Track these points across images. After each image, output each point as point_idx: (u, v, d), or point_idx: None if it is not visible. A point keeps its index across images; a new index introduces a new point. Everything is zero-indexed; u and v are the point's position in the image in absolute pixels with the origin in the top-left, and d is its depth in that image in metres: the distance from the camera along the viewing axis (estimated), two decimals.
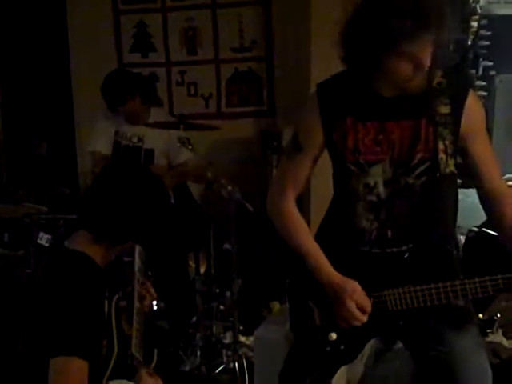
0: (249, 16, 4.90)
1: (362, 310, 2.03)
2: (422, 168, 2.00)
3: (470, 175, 2.08)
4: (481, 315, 2.73)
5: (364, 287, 2.05)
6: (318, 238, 2.18)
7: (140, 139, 3.95)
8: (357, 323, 2.04)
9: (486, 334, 2.72)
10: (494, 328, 2.76)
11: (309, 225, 2.21)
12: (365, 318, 2.03)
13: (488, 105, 4.07)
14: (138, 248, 2.16)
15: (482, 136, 2.06)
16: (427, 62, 1.85)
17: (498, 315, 2.83)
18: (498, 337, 2.79)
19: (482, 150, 2.05)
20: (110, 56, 5.12)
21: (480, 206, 2.15)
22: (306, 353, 2.22)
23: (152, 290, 2.21)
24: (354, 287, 2.04)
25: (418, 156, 2.00)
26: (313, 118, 2.09)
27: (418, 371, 2.17)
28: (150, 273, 3.10)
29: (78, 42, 5.17)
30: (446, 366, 2.05)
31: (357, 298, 2.02)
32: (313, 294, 2.16)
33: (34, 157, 5.38)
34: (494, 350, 2.74)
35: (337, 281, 2.06)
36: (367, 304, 2.03)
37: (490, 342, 2.74)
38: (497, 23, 4.30)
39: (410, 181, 2.01)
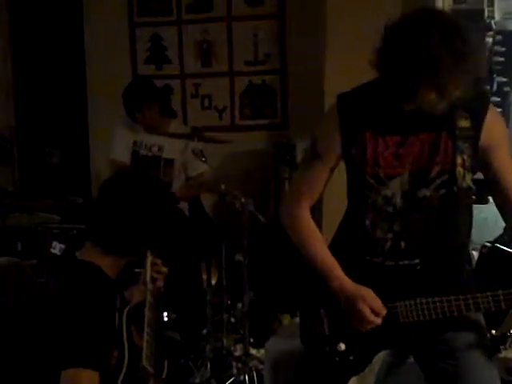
0: (263, 29, 4.93)
1: (376, 314, 2.02)
2: (439, 181, 2.00)
3: (491, 189, 2.08)
4: (494, 331, 2.70)
5: None
6: (332, 248, 2.17)
7: (160, 149, 3.99)
8: (371, 326, 2.03)
9: (498, 350, 2.69)
10: (507, 344, 2.74)
11: (322, 228, 2.21)
12: (379, 320, 2.02)
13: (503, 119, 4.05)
14: (149, 258, 2.16)
15: (504, 150, 2.05)
16: (453, 95, 1.85)
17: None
18: (510, 353, 2.77)
19: (505, 165, 2.04)
20: (124, 67, 5.16)
21: (493, 222, 2.14)
22: (315, 363, 2.21)
23: (164, 269, 2.20)
24: (365, 292, 2.04)
25: (437, 168, 1.99)
26: (332, 130, 2.09)
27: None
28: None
29: (93, 53, 5.21)
30: (457, 381, 2.03)
31: (370, 303, 2.02)
32: (324, 303, 2.15)
33: (47, 166, 5.41)
34: (506, 367, 2.72)
35: (350, 288, 2.05)
36: (381, 307, 2.03)
37: (503, 359, 2.72)
38: (511, 39, 4.29)
39: (428, 193, 2.01)
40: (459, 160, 1.97)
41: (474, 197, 2.11)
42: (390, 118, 2.02)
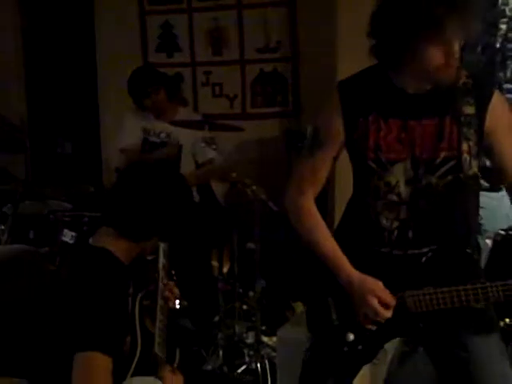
0: (274, 16, 4.89)
1: (386, 306, 2.01)
2: (445, 167, 1.98)
3: (498, 174, 2.06)
4: (508, 320, 2.69)
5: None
6: (337, 237, 2.15)
7: (168, 135, 4.00)
8: (381, 319, 2.01)
9: None
10: None
11: (333, 223, 2.20)
12: (389, 314, 2.01)
13: None
14: (162, 246, 2.16)
15: (509, 134, 2.03)
16: (458, 50, 1.85)
17: None
18: None
19: (509, 147, 2.02)
20: (135, 56, 5.15)
21: (506, 210, 2.12)
22: (323, 353, 2.20)
23: (176, 290, 2.21)
24: (374, 283, 2.02)
25: (442, 155, 1.98)
26: (334, 117, 2.07)
27: (439, 376, 2.14)
28: (173, 271, 3.11)
29: (104, 42, 5.22)
30: (468, 373, 2.02)
31: (379, 294, 2.00)
32: (331, 293, 2.14)
33: (59, 155, 5.43)
34: None
35: (356, 279, 2.04)
36: (390, 299, 2.01)
37: None
38: None
39: (433, 180, 1.99)
40: (465, 147, 1.96)
41: (486, 184, 2.09)
42: (392, 100, 2.01)
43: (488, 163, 2.12)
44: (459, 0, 1.81)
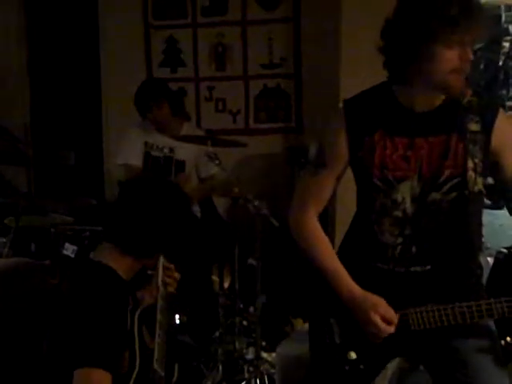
0: (278, 33, 4.92)
1: (388, 322, 2.00)
2: (450, 184, 1.98)
3: (504, 193, 2.06)
4: (509, 338, 2.68)
5: None
6: (341, 254, 2.15)
7: (172, 150, 4.00)
8: (384, 335, 2.01)
9: None
10: None
11: (334, 239, 2.20)
12: (392, 329, 2.00)
13: None
14: (161, 261, 2.16)
15: None
16: (471, 55, 1.87)
17: None
18: None
19: None
20: (139, 70, 5.17)
21: (509, 228, 2.12)
22: (324, 372, 2.18)
23: (176, 274, 2.21)
24: (376, 300, 2.02)
25: (447, 172, 1.98)
26: (339, 135, 2.08)
27: None
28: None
29: (108, 55, 5.24)
30: None
31: (381, 312, 2.00)
32: (334, 312, 2.13)
33: (61, 168, 5.44)
34: None
35: (359, 296, 2.03)
36: (392, 315, 2.00)
37: None
38: None
39: (438, 197, 1.99)
40: (470, 164, 1.96)
41: (489, 201, 2.10)
42: (398, 119, 2.01)
43: (491, 180, 2.12)
44: (472, 2, 1.85)
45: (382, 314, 2.00)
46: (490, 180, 2.12)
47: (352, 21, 4.06)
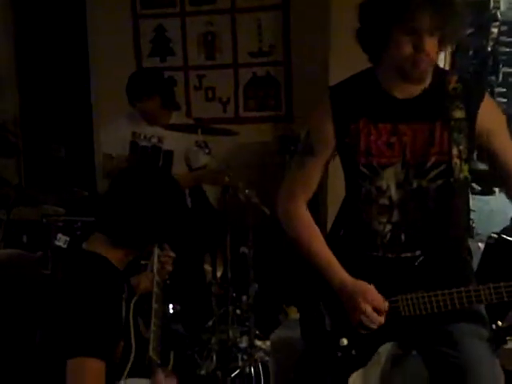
0: (267, 20, 4.90)
1: (378, 312, 2.01)
2: (436, 171, 2.00)
3: (497, 177, 2.08)
4: (500, 322, 2.70)
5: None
6: (330, 241, 2.16)
7: (160, 140, 3.97)
8: (374, 326, 2.02)
9: (505, 342, 2.69)
10: None
11: (326, 224, 2.20)
12: (382, 319, 2.02)
13: (508, 111, 4.04)
14: (156, 250, 2.17)
15: (502, 136, 2.05)
16: (428, 46, 1.89)
17: None
18: None
19: (503, 149, 2.04)
20: (128, 60, 5.14)
21: (499, 213, 2.14)
22: (317, 359, 2.20)
23: (172, 253, 2.23)
24: (367, 289, 2.03)
25: (433, 159, 2.00)
26: (325, 122, 2.09)
27: (431, 377, 2.15)
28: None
29: (97, 46, 5.21)
30: (461, 373, 2.01)
31: (371, 300, 2.01)
32: (324, 299, 2.15)
33: (52, 159, 5.42)
34: None
35: (349, 284, 2.04)
36: (381, 303, 2.02)
37: (510, 350, 2.71)
38: None
39: (424, 183, 2.01)
40: (455, 151, 1.98)
41: (479, 187, 2.11)
42: (382, 106, 2.03)
43: (481, 166, 2.14)
44: None
45: (372, 303, 2.00)
46: (480, 166, 2.13)
47: (341, 8, 4.05)
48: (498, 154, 2.03)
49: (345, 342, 2.11)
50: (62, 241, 3.53)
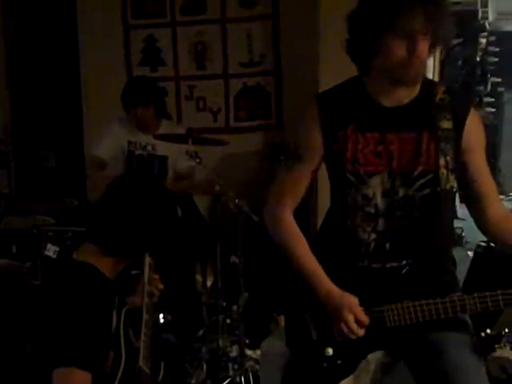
0: (258, 30, 4.93)
1: (360, 324, 2.02)
2: (422, 181, 2.01)
3: (465, 193, 2.09)
4: (488, 330, 2.72)
5: (362, 302, 2.04)
6: (314, 248, 2.15)
7: (154, 147, 4.01)
8: (353, 337, 2.03)
9: (493, 349, 2.71)
10: (502, 343, 2.75)
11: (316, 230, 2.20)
12: (361, 332, 2.02)
13: (496, 121, 4.08)
14: (147, 260, 2.17)
15: (480, 155, 2.07)
16: (421, 48, 1.89)
17: (506, 330, 2.82)
18: (505, 352, 2.78)
19: (480, 169, 2.06)
20: (119, 69, 5.15)
21: None
22: (302, 369, 2.19)
23: (161, 285, 2.23)
24: (352, 301, 2.03)
25: (419, 169, 2.01)
26: (313, 130, 2.09)
27: None
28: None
29: (88, 55, 5.21)
30: (447, 382, 2.00)
31: (355, 312, 2.02)
32: (310, 308, 2.14)
33: (42, 168, 5.41)
34: (501, 366, 2.73)
35: (335, 295, 2.05)
36: (365, 319, 2.02)
37: (498, 357, 2.73)
38: (505, 40, 4.31)
39: (410, 192, 2.02)
40: (442, 161, 1.98)
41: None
42: (369, 114, 2.04)
43: None
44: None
45: (355, 314, 2.01)
46: None
47: (331, 17, 4.07)
48: (473, 172, 2.05)
49: (330, 351, 2.10)
50: (51, 251, 3.52)
